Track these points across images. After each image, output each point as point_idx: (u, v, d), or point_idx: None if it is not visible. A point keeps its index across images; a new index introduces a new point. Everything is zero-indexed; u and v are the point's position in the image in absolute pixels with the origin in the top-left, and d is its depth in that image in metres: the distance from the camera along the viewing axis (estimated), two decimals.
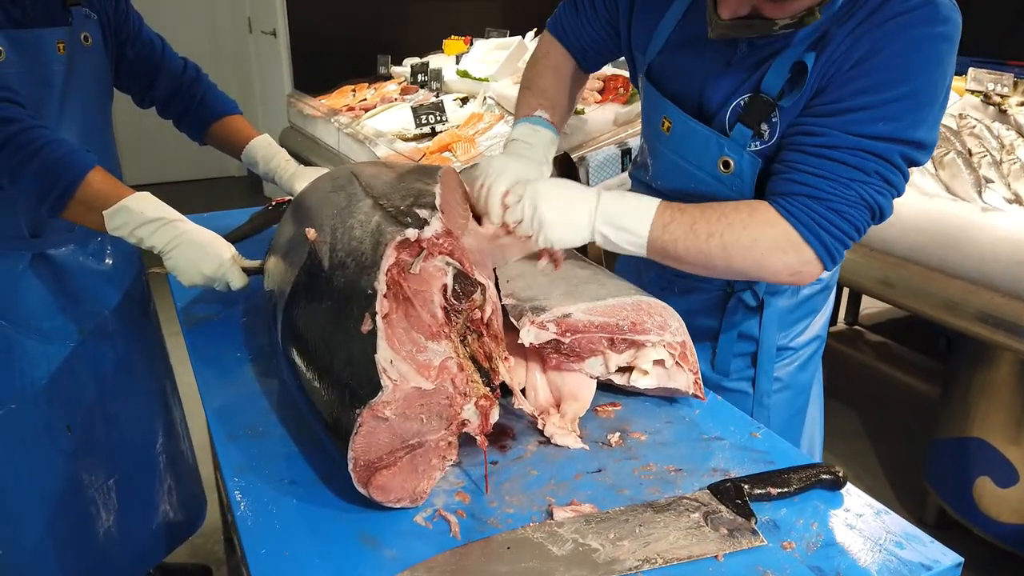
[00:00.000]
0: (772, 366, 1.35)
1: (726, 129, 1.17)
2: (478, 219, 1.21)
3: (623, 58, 1.42)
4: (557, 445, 1.03)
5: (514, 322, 1.07)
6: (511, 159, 1.25)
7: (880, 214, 1.08)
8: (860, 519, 0.90)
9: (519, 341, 1.06)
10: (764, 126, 1.12)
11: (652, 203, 1.12)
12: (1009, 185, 2.10)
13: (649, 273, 1.41)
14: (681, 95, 1.22)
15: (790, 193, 1.08)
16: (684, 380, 1.12)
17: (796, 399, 1.42)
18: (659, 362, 1.12)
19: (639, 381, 1.12)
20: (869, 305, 3.86)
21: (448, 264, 1.00)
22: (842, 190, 1.05)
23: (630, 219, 1.11)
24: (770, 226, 1.08)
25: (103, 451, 1.72)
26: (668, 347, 1.11)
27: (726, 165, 1.17)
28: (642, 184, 1.38)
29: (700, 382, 1.12)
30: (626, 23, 1.34)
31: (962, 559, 0.84)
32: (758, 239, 1.08)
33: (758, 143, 1.14)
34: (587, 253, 2.59)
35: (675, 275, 1.29)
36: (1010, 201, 2.05)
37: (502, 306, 1.08)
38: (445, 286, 0.99)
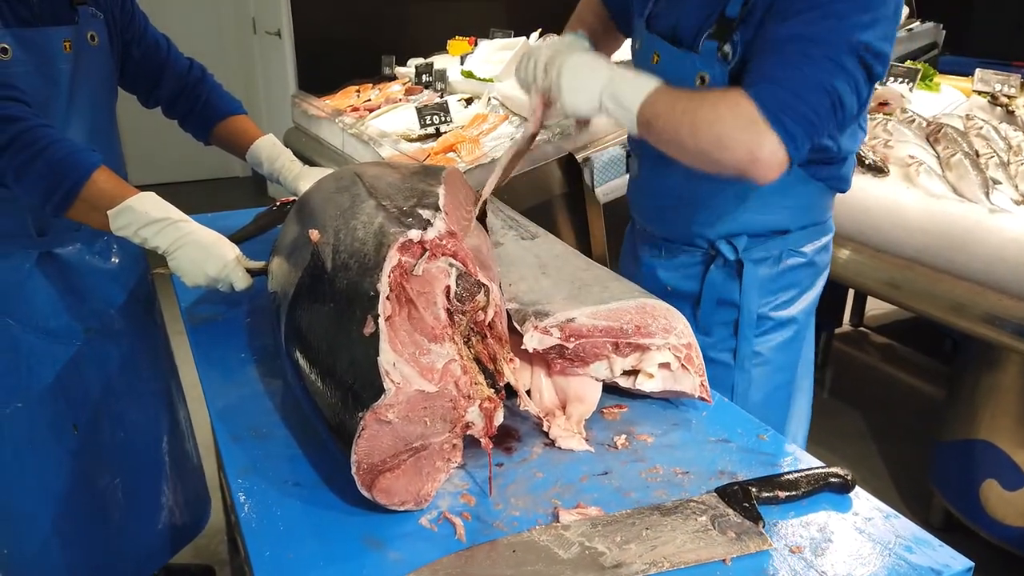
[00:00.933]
0: (752, 332, 1.39)
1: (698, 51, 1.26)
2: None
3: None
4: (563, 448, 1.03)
5: (517, 327, 1.06)
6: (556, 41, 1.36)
7: (839, 102, 1.11)
8: (869, 523, 0.89)
9: (523, 347, 1.05)
10: (727, 46, 1.20)
11: (653, 82, 1.18)
12: (1017, 186, 2.09)
13: (643, 244, 1.50)
14: (664, 33, 1.33)
15: (753, 82, 1.13)
16: (690, 383, 1.11)
17: (776, 376, 1.44)
18: (664, 365, 1.11)
19: (644, 384, 1.11)
20: (874, 307, 3.84)
21: (451, 265, 0.99)
22: (795, 73, 1.10)
23: (629, 94, 1.18)
24: (735, 106, 1.12)
25: (109, 450, 1.71)
26: (673, 350, 1.10)
27: (702, 80, 1.24)
28: None
29: (706, 384, 1.11)
30: None
31: (972, 564, 0.83)
32: (723, 116, 1.12)
33: (727, 62, 1.22)
34: (590, 254, 2.59)
35: (663, 239, 1.43)
36: (1017, 202, 2.04)
37: (505, 311, 1.07)
38: (448, 287, 0.99)
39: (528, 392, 1.09)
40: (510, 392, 1.02)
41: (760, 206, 1.33)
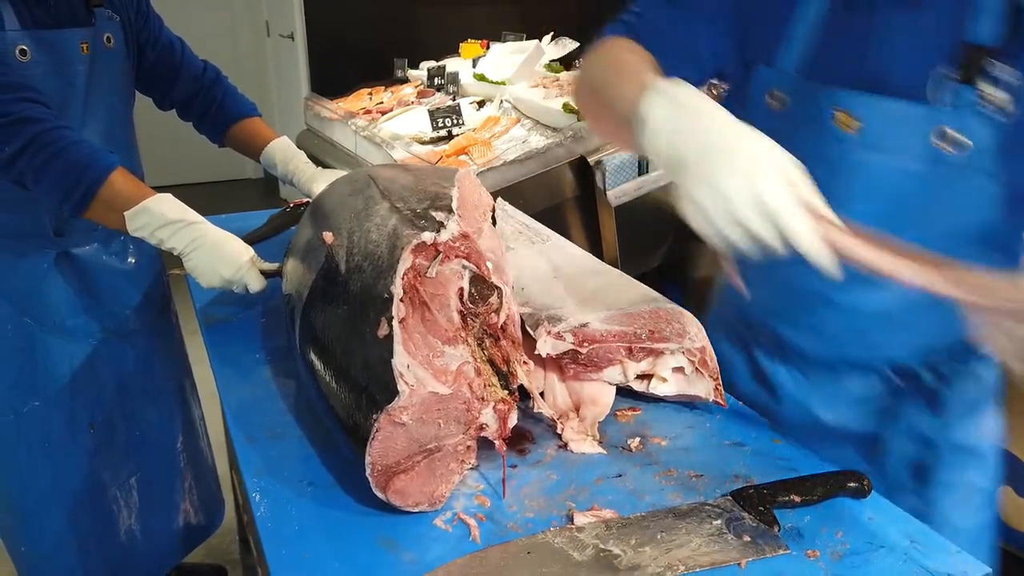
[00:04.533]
0: (951, 472, 1.02)
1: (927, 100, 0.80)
2: None
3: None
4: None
5: (530, 332, 1.06)
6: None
7: None
8: (885, 528, 0.88)
9: (536, 351, 1.05)
10: (986, 86, 0.75)
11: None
12: None
13: (772, 358, 1.11)
14: (856, 78, 0.86)
15: None
16: (704, 387, 1.10)
17: (977, 500, 1.08)
18: (679, 369, 1.11)
19: (658, 388, 1.11)
20: None
21: (465, 267, 1.00)
22: None
23: None
24: None
25: (124, 449, 1.73)
26: (687, 354, 1.09)
27: (952, 142, 0.78)
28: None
29: (720, 388, 1.11)
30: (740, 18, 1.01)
31: (990, 569, 0.83)
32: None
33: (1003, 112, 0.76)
34: (602, 257, 2.59)
35: (815, 357, 1.00)
36: None
37: (519, 314, 1.07)
38: (461, 290, 0.99)
39: (542, 394, 1.09)
40: (523, 394, 1.02)
41: None
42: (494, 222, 1.21)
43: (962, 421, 1.02)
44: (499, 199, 1.31)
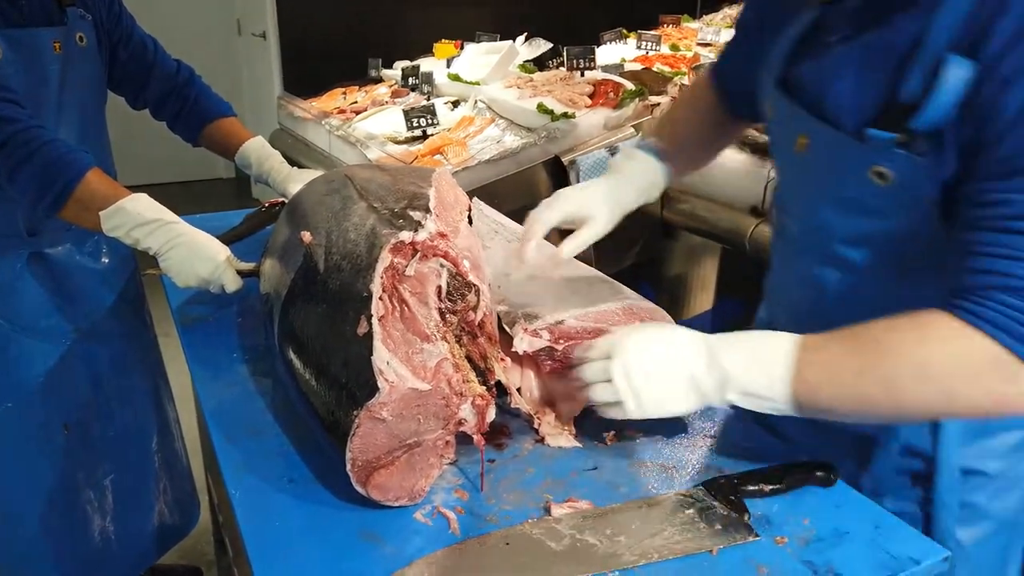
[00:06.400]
0: (956, 494, 1.00)
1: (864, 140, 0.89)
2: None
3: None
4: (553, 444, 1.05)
5: (507, 329, 1.08)
6: (578, 189, 1.15)
7: None
8: (851, 515, 0.92)
9: (512, 349, 1.07)
10: (916, 140, 0.84)
11: (780, 349, 0.85)
12: None
13: None
14: (811, 106, 0.96)
15: (972, 288, 0.79)
16: None
17: (1002, 535, 1.04)
18: None
19: None
20: None
21: (442, 266, 1.01)
22: None
23: (759, 383, 0.85)
24: (953, 341, 0.79)
25: (99, 450, 1.72)
26: None
27: (880, 176, 0.88)
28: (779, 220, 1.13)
29: None
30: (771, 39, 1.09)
31: (949, 552, 0.86)
32: (939, 363, 0.79)
33: (920, 155, 0.85)
34: (577, 256, 2.61)
35: None
36: None
37: (496, 313, 1.09)
38: (440, 288, 1.01)
39: (518, 390, 1.11)
40: (501, 390, 1.04)
41: None
42: (470, 221, 1.23)
43: (965, 439, 0.99)
44: (475, 199, 1.33)
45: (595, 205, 1.15)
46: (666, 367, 0.89)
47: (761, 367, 0.85)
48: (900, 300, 0.83)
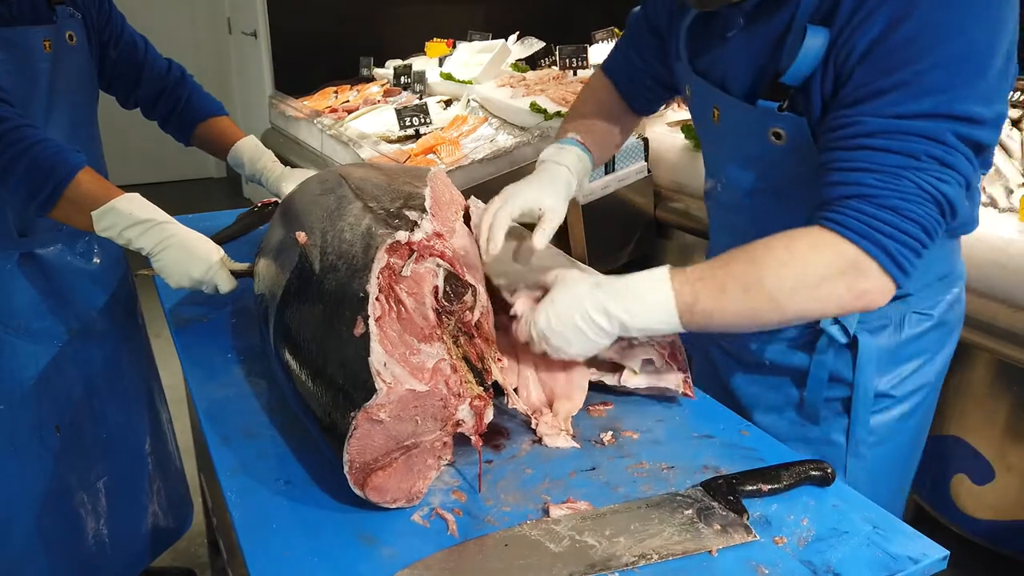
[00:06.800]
0: (868, 413, 1.19)
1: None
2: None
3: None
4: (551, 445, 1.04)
5: (507, 298, 1.08)
6: (524, 184, 1.22)
7: (949, 206, 0.91)
8: (849, 515, 0.92)
9: (512, 311, 1.06)
10: (797, 105, 1.01)
11: (663, 285, 0.96)
12: (984, 188, 2.15)
13: None
14: (716, 82, 1.13)
15: (832, 200, 0.92)
16: (674, 379, 1.13)
17: (897, 454, 1.25)
18: (648, 361, 1.13)
19: (630, 380, 1.13)
20: None
21: (439, 266, 1.01)
22: (892, 182, 0.89)
23: (649, 317, 0.96)
24: (816, 249, 0.92)
25: (92, 452, 1.71)
26: (658, 347, 1.12)
27: (777, 136, 1.05)
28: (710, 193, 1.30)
29: (690, 381, 1.14)
30: (668, 36, 1.28)
31: (948, 552, 0.86)
32: (806, 270, 0.91)
33: (803, 116, 1.02)
34: (571, 255, 2.61)
35: None
36: (985, 204, 2.09)
37: (495, 286, 1.09)
38: (436, 288, 1.00)
39: (516, 390, 1.10)
40: (498, 391, 1.03)
41: None
42: (467, 221, 1.22)
43: (880, 368, 1.17)
44: (472, 197, 1.33)
45: (548, 197, 1.21)
46: (568, 320, 0.99)
47: (650, 306, 0.96)
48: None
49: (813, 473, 0.95)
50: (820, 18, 0.96)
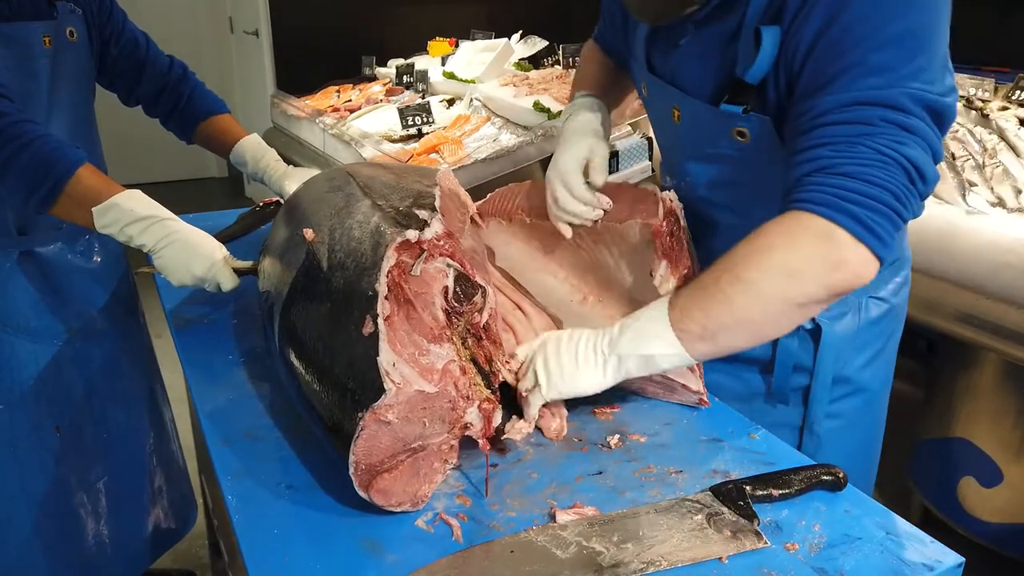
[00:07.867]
0: (827, 397, 1.22)
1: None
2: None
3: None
4: (557, 448, 1.03)
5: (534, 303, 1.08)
6: (562, 147, 1.26)
7: (916, 170, 0.89)
8: (861, 520, 0.90)
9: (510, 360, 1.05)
10: (754, 103, 1.04)
11: (661, 323, 0.95)
12: (992, 188, 2.13)
13: None
14: (673, 83, 1.15)
15: (795, 181, 0.92)
16: (694, 380, 1.11)
17: (855, 435, 1.29)
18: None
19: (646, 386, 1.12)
20: None
21: (449, 266, 0.99)
22: (848, 150, 0.88)
23: (649, 339, 0.96)
24: (788, 233, 0.91)
25: (92, 452, 1.69)
26: None
27: (741, 135, 1.06)
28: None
29: (702, 382, 1.12)
30: (624, 44, 1.34)
31: (963, 559, 0.85)
32: (785, 256, 0.90)
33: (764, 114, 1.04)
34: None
35: None
36: (993, 204, 2.08)
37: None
38: (446, 288, 0.98)
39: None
40: (505, 394, 1.02)
41: None
42: (474, 222, 1.21)
43: (840, 353, 1.20)
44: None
45: (597, 138, 1.26)
46: (570, 358, 1.00)
47: (643, 326, 0.96)
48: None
49: (824, 478, 0.94)
50: (769, 18, 0.99)
